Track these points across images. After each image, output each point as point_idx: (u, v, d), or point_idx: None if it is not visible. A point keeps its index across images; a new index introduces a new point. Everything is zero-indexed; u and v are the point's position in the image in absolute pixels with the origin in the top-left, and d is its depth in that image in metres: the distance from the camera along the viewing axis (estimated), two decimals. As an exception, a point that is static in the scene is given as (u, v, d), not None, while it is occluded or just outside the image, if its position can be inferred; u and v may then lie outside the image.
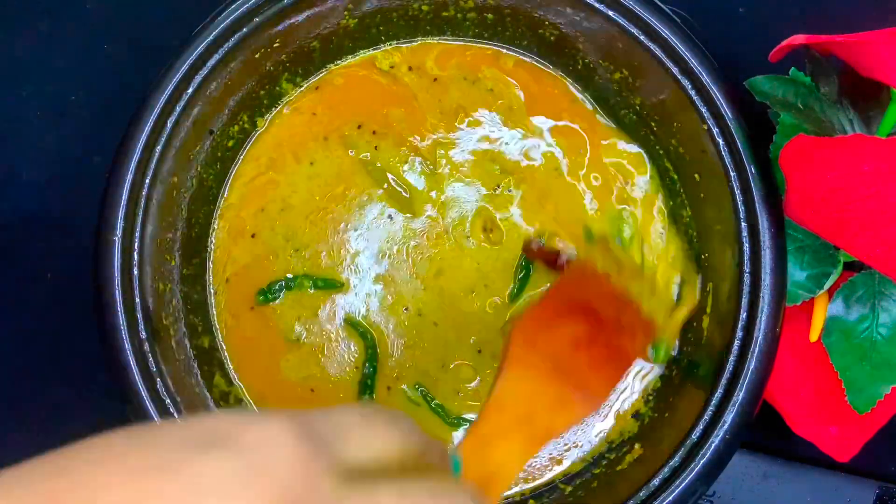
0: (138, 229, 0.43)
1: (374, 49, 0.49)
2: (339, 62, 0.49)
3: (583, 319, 0.40)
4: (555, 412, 0.37)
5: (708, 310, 0.45)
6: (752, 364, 0.41)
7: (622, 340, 0.40)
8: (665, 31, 0.43)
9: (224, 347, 0.47)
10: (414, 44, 0.49)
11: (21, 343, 0.51)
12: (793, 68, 0.44)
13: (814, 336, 0.45)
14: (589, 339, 0.40)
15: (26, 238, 0.52)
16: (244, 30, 0.44)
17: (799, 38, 0.40)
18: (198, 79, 0.43)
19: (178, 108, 0.43)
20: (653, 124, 0.47)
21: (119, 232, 0.42)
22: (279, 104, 0.49)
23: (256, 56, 0.46)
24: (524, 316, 0.40)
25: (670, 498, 0.41)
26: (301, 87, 0.49)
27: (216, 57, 0.43)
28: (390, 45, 0.49)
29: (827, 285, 0.44)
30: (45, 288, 0.51)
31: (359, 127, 0.48)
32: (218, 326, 0.47)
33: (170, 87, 0.43)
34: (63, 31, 0.53)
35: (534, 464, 0.47)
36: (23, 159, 0.52)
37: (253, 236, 0.48)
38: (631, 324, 0.41)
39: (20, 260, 0.52)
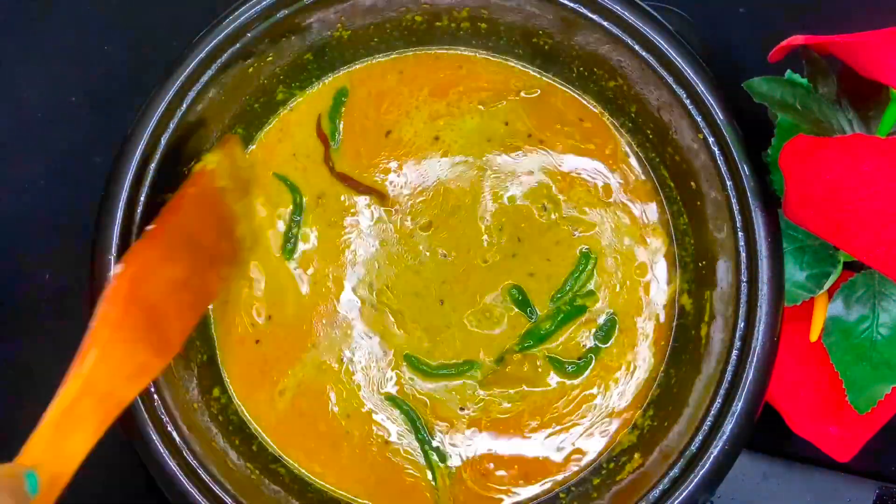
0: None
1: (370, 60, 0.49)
2: (333, 74, 0.49)
3: (186, 254, 0.36)
4: (133, 381, 0.34)
5: (706, 318, 0.45)
6: (750, 374, 0.41)
7: (210, 277, 0.37)
8: (658, 40, 0.43)
9: (222, 362, 0.47)
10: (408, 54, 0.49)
11: (20, 343, 0.51)
12: (788, 70, 0.44)
13: (814, 336, 0.45)
14: (184, 279, 0.36)
15: (26, 238, 0.52)
16: (237, 45, 0.44)
17: (798, 39, 0.40)
18: (191, 95, 0.43)
19: (171, 126, 0.43)
20: (649, 132, 0.47)
21: (114, 251, 0.42)
22: (275, 117, 0.49)
23: (250, 71, 0.46)
24: (128, 261, 0.36)
25: (672, 508, 0.41)
26: (296, 98, 0.49)
27: (209, 73, 0.43)
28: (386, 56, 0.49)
29: (827, 285, 0.44)
30: (45, 288, 0.51)
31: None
32: (217, 340, 0.47)
33: (162, 105, 0.43)
34: (63, 31, 0.53)
35: (531, 475, 0.46)
36: (23, 159, 0.52)
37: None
38: (223, 253, 0.37)
39: (20, 260, 0.52)
